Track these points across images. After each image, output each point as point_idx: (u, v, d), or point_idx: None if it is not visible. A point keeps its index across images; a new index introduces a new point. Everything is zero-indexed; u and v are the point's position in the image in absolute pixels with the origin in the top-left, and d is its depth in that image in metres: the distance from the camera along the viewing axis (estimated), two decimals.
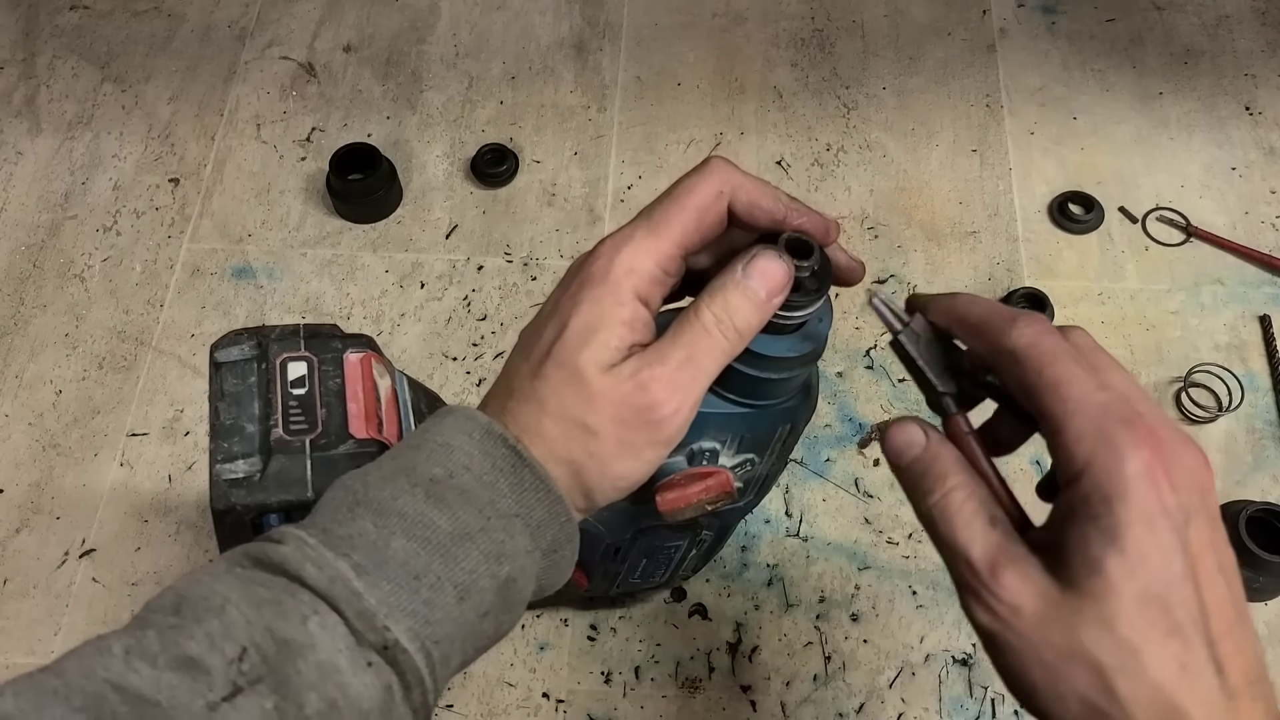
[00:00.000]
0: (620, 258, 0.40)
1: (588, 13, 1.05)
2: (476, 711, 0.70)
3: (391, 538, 0.37)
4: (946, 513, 0.38)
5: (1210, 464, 0.36)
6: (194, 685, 0.33)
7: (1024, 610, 0.35)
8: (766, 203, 0.42)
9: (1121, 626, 0.33)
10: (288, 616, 0.35)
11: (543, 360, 0.40)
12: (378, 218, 0.91)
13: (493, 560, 0.38)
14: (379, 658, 0.36)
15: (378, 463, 0.40)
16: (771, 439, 0.51)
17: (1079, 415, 0.35)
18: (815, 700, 0.70)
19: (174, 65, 1.01)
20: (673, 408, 0.40)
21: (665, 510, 0.50)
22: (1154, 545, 0.33)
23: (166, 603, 0.36)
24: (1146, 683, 0.33)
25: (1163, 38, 1.03)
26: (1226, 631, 0.34)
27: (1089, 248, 0.90)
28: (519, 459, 0.39)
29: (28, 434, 0.81)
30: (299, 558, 0.36)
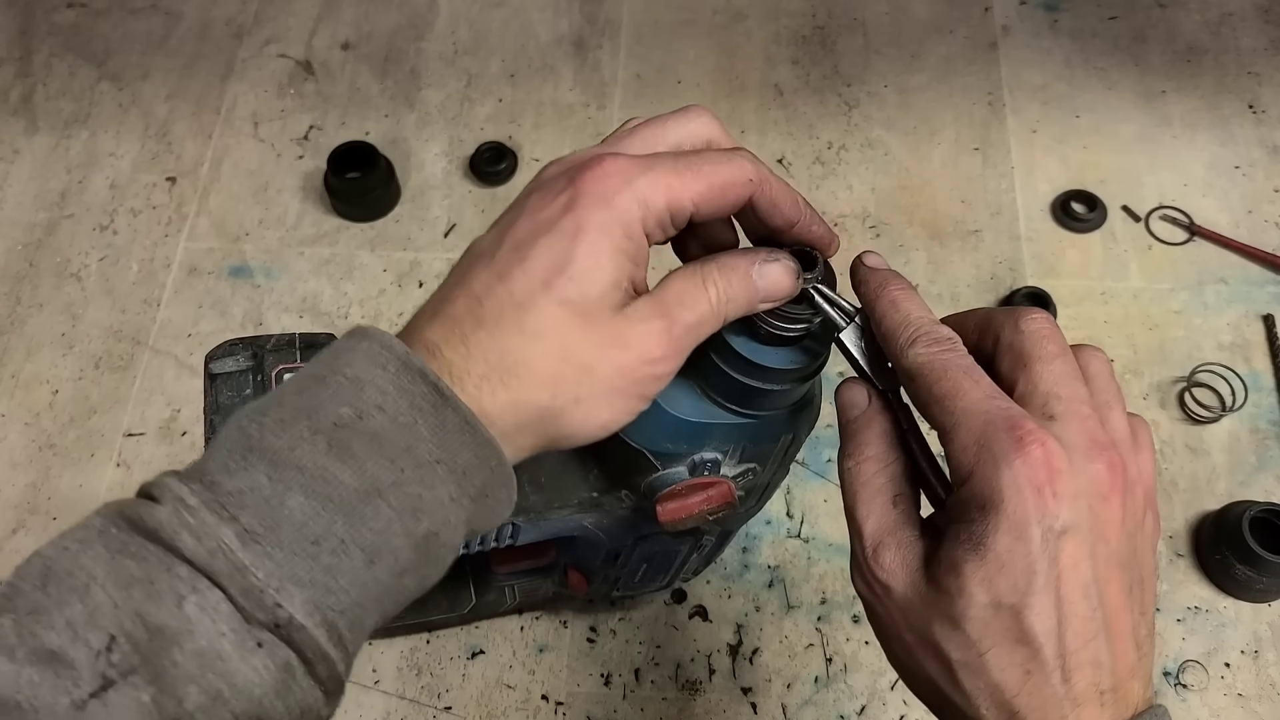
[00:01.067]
0: (638, 184, 0.37)
1: (587, 10, 1.04)
2: (475, 714, 0.69)
3: (287, 494, 0.32)
4: (855, 482, 0.40)
5: (1122, 470, 0.36)
6: (57, 681, 0.29)
7: (893, 592, 0.37)
8: (786, 206, 0.41)
9: (969, 628, 0.35)
10: (161, 598, 0.31)
11: (537, 292, 0.36)
12: (376, 216, 0.91)
13: (408, 516, 0.34)
14: (271, 636, 0.32)
15: (278, 397, 0.35)
16: (774, 449, 0.50)
17: (963, 426, 0.36)
18: (816, 702, 0.70)
19: (171, 63, 1.01)
20: (671, 365, 0.39)
21: (666, 520, 0.49)
22: (1017, 554, 0.34)
23: (34, 573, 0.32)
24: (988, 682, 0.35)
25: (1165, 35, 1.02)
26: (1084, 644, 0.35)
27: (1092, 247, 0.89)
28: (440, 397, 0.35)
29: (24, 434, 0.80)
30: (174, 523, 0.31)
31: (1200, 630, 0.72)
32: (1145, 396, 0.82)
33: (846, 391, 0.42)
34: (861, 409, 0.41)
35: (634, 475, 0.50)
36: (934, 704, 0.38)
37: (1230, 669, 0.71)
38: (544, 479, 0.53)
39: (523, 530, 0.53)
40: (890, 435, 0.40)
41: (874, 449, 0.40)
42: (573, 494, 0.53)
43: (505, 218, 0.39)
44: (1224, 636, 0.72)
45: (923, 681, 0.38)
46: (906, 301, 0.40)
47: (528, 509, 0.52)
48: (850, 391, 0.42)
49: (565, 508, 0.53)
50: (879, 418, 0.41)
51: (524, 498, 0.52)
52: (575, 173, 0.37)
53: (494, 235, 0.38)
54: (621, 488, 0.52)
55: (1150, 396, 0.82)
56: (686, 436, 0.48)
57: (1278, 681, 0.70)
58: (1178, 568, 0.75)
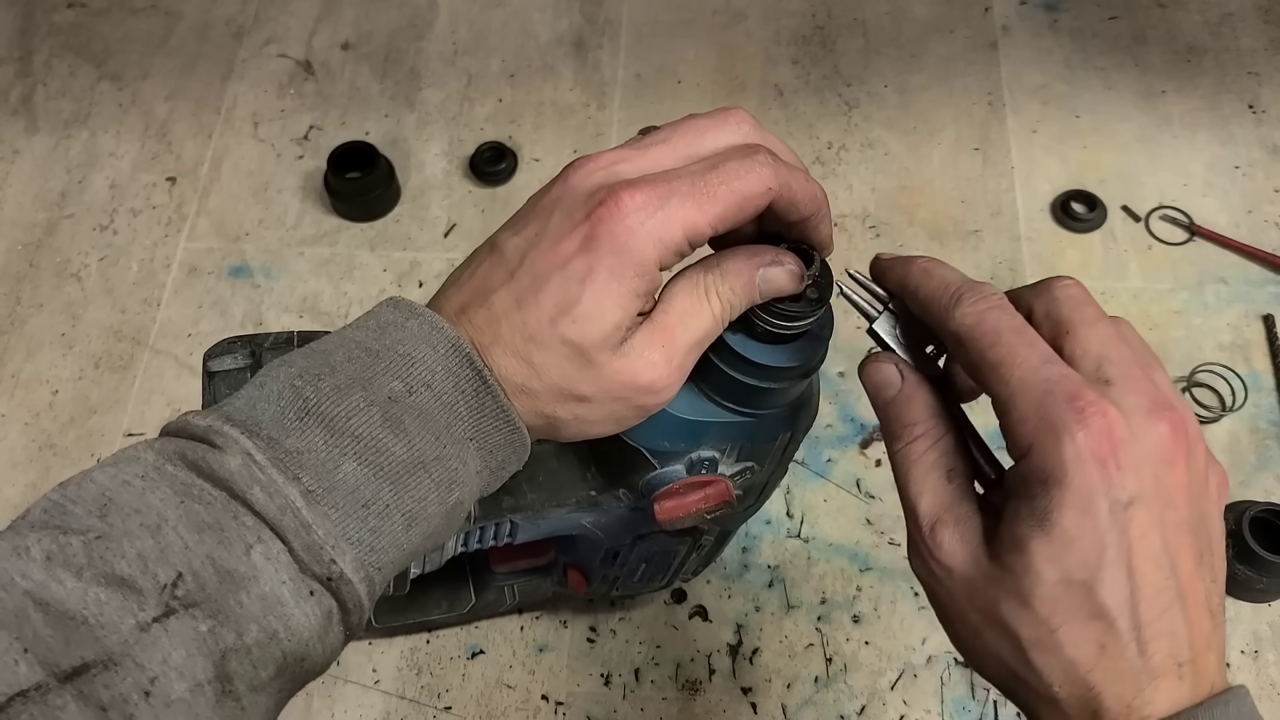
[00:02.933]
0: (652, 223, 0.37)
1: (587, 10, 1.04)
2: (475, 714, 0.69)
3: (343, 460, 0.35)
4: (906, 461, 0.39)
5: (1184, 430, 0.35)
6: (124, 603, 0.32)
7: (955, 572, 0.36)
8: (805, 203, 0.40)
9: (1039, 605, 0.34)
10: (231, 544, 0.33)
11: (544, 327, 0.38)
12: (376, 216, 0.91)
13: (443, 488, 0.37)
14: (321, 587, 0.35)
15: (328, 359, 0.37)
16: (771, 448, 0.50)
17: (1021, 396, 0.35)
18: (816, 702, 0.70)
19: (171, 63, 1.01)
20: (672, 390, 0.41)
21: (663, 519, 0.49)
22: (1085, 529, 0.33)
23: (89, 499, 0.34)
24: (1062, 659, 0.34)
25: (1165, 35, 1.02)
26: (1160, 614, 0.34)
27: (1092, 247, 0.89)
28: (483, 384, 0.38)
29: (24, 434, 0.80)
30: (246, 477, 0.34)
31: None
32: None
33: (876, 372, 0.40)
34: (898, 387, 0.40)
35: (631, 474, 0.50)
36: (1004, 683, 0.37)
37: (1230, 669, 0.71)
38: (542, 477, 0.53)
39: (521, 528, 0.53)
40: (936, 408, 0.39)
41: (922, 426, 0.39)
42: (571, 493, 0.53)
43: (528, 222, 0.40)
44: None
45: (991, 661, 0.37)
46: (939, 268, 0.40)
47: (526, 507, 0.52)
48: (881, 371, 0.40)
49: (563, 506, 0.53)
50: (920, 391, 0.39)
51: (522, 496, 0.52)
52: (596, 206, 0.38)
53: (517, 246, 0.39)
54: (619, 486, 0.52)
55: None
56: (684, 435, 0.47)
57: (1278, 681, 0.70)
58: None
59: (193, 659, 0.32)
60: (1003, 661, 0.36)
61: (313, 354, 0.38)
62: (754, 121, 0.41)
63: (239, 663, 0.33)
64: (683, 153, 0.40)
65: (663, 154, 0.40)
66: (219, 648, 0.33)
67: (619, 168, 0.39)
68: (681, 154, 0.40)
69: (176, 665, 0.32)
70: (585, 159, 0.40)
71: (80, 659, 0.31)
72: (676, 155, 0.40)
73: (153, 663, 0.32)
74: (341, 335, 0.39)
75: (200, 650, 0.33)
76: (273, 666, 0.34)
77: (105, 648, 0.31)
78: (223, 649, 0.33)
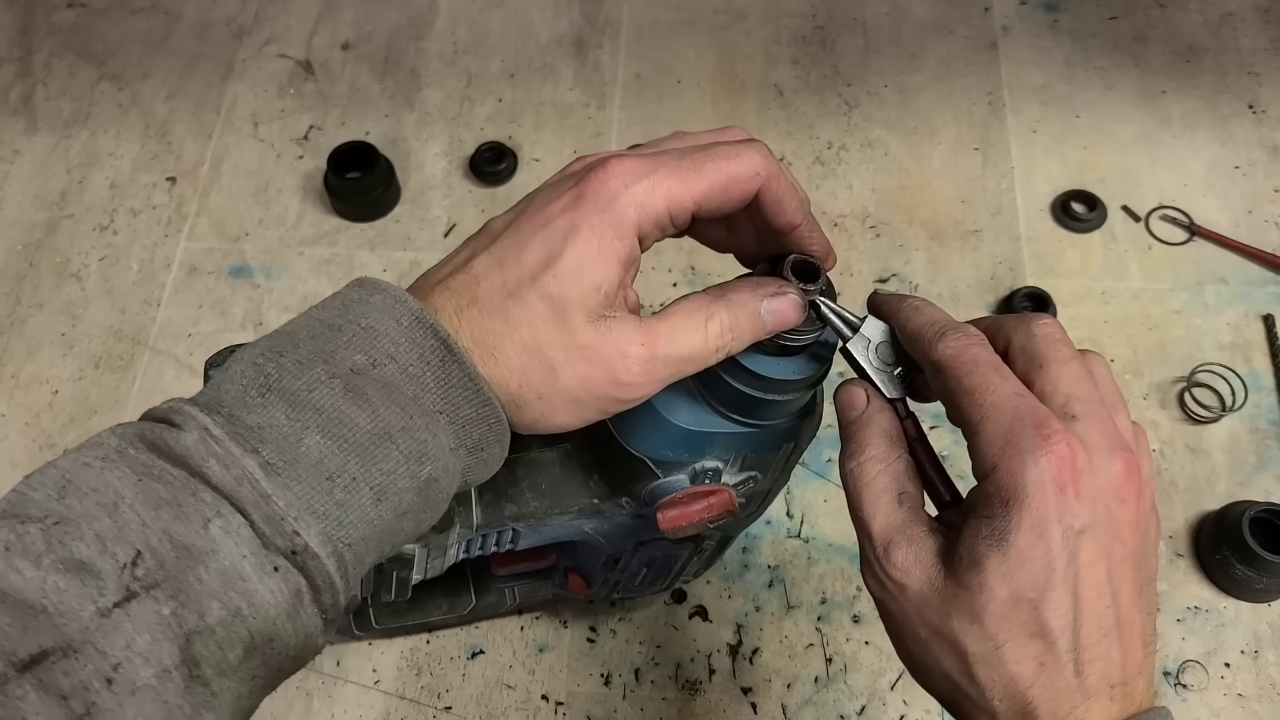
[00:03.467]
0: (637, 188, 0.38)
1: (587, 10, 1.04)
2: (475, 714, 0.69)
3: (305, 433, 0.35)
4: (858, 482, 0.40)
5: (1137, 472, 0.37)
6: (83, 589, 0.31)
7: (908, 589, 0.38)
8: (791, 206, 0.41)
9: (988, 621, 0.36)
10: (188, 519, 0.33)
11: (525, 283, 0.38)
12: (375, 216, 0.91)
13: (413, 460, 0.36)
14: (286, 562, 0.34)
15: (291, 338, 0.37)
16: (775, 457, 0.50)
17: (991, 420, 0.37)
18: (816, 702, 0.70)
19: (171, 63, 1.01)
20: (640, 393, 0.40)
21: (666, 528, 0.49)
22: (1038, 551, 0.35)
23: (49, 483, 0.33)
24: (1003, 674, 0.36)
25: (1165, 35, 1.02)
26: (1098, 639, 0.36)
27: (1092, 246, 0.89)
28: (448, 352, 0.37)
29: (24, 434, 0.80)
30: (202, 451, 0.33)
31: (1200, 630, 0.72)
32: (1145, 396, 0.82)
33: (845, 393, 0.42)
34: (860, 410, 0.41)
35: (634, 482, 0.50)
36: (946, 697, 0.39)
37: (1230, 669, 0.71)
38: (544, 485, 0.53)
39: (523, 536, 0.53)
40: (891, 434, 0.41)
41: (875, 449, 0.40)
42: (573, 500, 0.53)
43: (520, 205, 0.41)
44: (1224, 636, 0.72)
45: (936, 676, 0.38)
46: (928, 307, 0.42)
47: (528, 515, 0.52)
48: (848, 393, 0.42)
49: (565, 514, 0.53)
50: (878, 417, 0.41)
51: (525, 504, 0.52)
52: (583, 173, 0.39)
53: (504, 220, 0.40)
54: (622, 495, 0.52)
55: (1150, 396, 0.82)
56: (687, 445, 0.47)
57: (1278, 681, 0.70)
58: (1178, 568, 0.75)
59: (157, 643, 0.32)
60: (947, 676, 0.37)
61: (277, 334, 0.38)
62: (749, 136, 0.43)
63: (204, 645, 0.33)
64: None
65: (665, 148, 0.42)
66: (183, 630, 0.32)
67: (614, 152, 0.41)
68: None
69: (141, 650, 0.32)
70: (583, 157, 0.41)
71: (38, 646, 0.31)
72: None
73: (115, 649, 0.31)
74: (306, 315, 0.38)
75: (164, 634, 0.32)
76: (240, 647, 0.34)
77: (64, 635, 0.31)
78: (186, 631, 0.32)
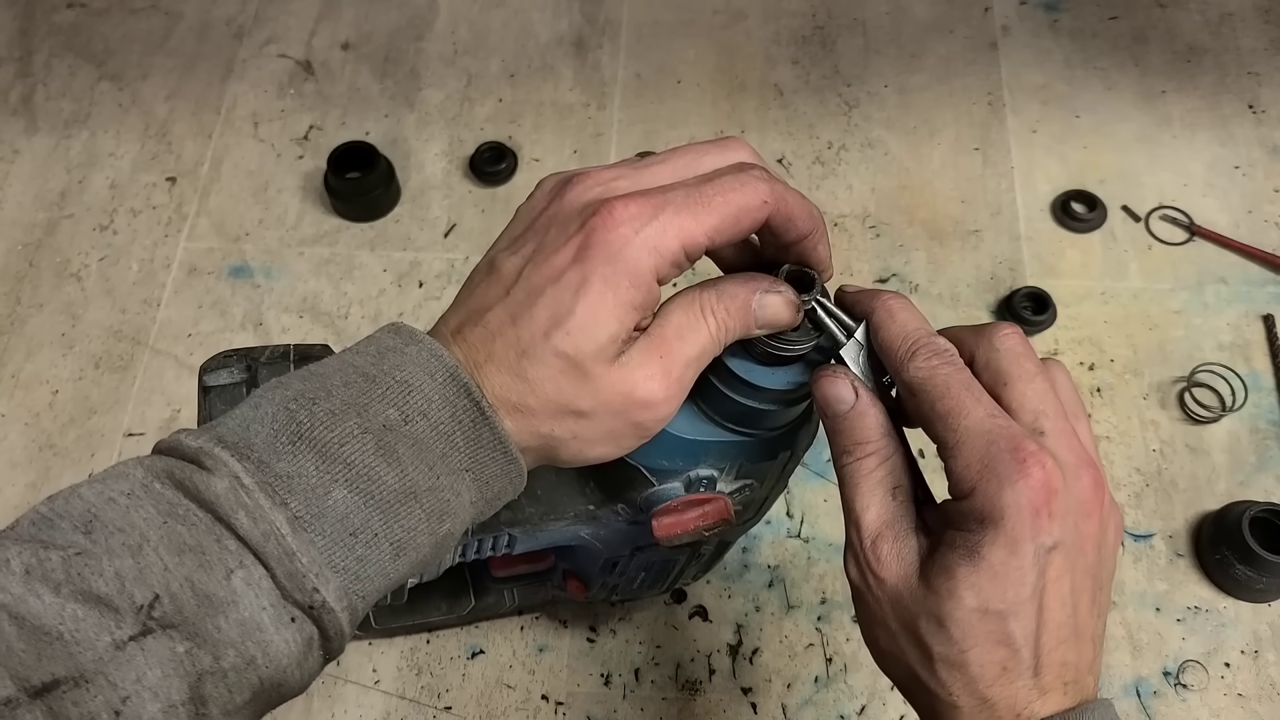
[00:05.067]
0: (647, 232, 0.37)
1: (587, 10, 1.04)
2: (475, 714, 0.69)
3: (334, 486, 0.35)
4: (855, 476, 0.41)
5: (1102, 486, 0.39)
6: (101, 620, 0.32)
7: (886, 583, 0.39)
8: (802, 220, 0.41)
9: (953, 628, 0.37)
10: (211, 568, 0.33)
11: (538, 341, 0.37)
12: (375, 216, 0.91)
13: (434, 519, 0.37)
14: (303, 615, 0.34)
15: (324, 385, 0.37)
16: (771, 466, 0.50)
17: (967, 445, 0.38)
18: (816, 702, 0.70)
19: (171, 63, 1.01)
20: (671, 407, 0.40)
21: (662, 536, 0.49)
22: (1010, 567, 0.37)
23: (75, 514, 0.33)
24: (966, 676, 0.38)
25: (1165, 35, 1.02)
26: (1056, 646, 0.38)
27: (1092, 247, 0.89)
28: (480, 415, 0.37)
29: (24, 434, 0.80)
30: (232, 501, 0.34)
31: (1200, 630, 0.72)
32: (1145, 396, 0.82)
33: (829, 386, 0.42)
34: (851, 403, 0.41)
35: (629, 490, 0.50)
36: (906, 686, 0.40)
37: (1230, 669, 0.71)
38: (540, 491, 0.52)
39: (519, 540, 0.53)
40: (885, 427, 0.41)
41: (875, 444, 0.41)
42: (569, 507, 0.53)
43: (526, 239, 0.40)
44: (1224, 636, 0.72)
45: (901, 666, 0.40)
46: (902, 311, 0.42)
47: (524, 520, 0.52)
48: (835, 386, 0.41)
49: (561, 520, 0.53)
50: (873, 410, 0.41)
51: (520, 510, 0.52)
52: (590, 217, 0.38)
53: (513, 266, 0.39)
54: (617, 502, 0.52)
55: (1150, 396, 0.82)
56: (682, 454, 0.47)
57: (1278, 681, 0.70)
58: (1178, 568, 0.75)
59: (168, 679, 0.32)
60: (910, 668, 0.39)
61: (310, 376, 0.37)
62: (752, 149, 0.42)
63: (214, 686, 0.33)
64: (680, 174, 0.40)
65: (660, 173, 0.40)
66: (195, 670, 0.33)
67: (615, 184, 0.39)
68: (679, 175, 0.40)
69: (151, 685, 0.32)
70: (581, 174, 0.40)
71: (51, 675, 0.31)
72: (674, 175, 0.40)
73: (126, 681, 0.32)
74: (340, 359, 0.38)
75: (176, 671, 0.32)
76: (248, 691, 0.34)
77: (78, 664, 0.31)
78: (199, 671, 0.33)
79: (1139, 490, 0.78)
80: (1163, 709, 0.70)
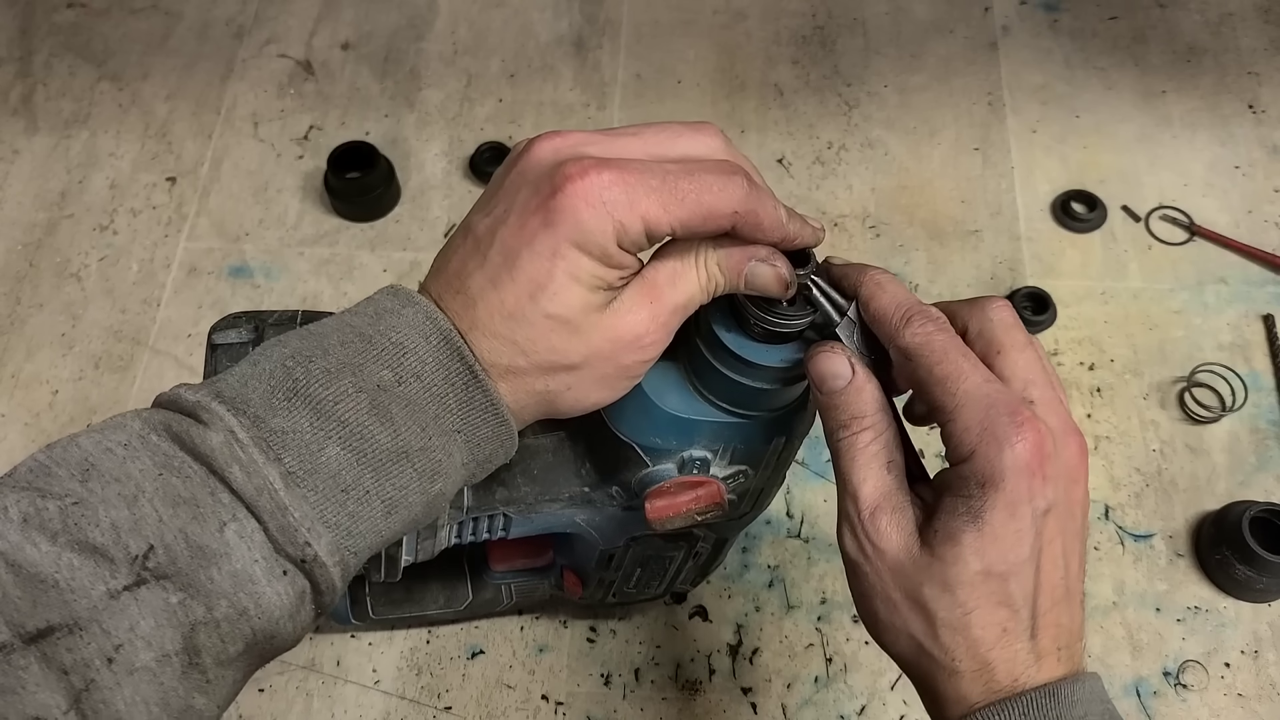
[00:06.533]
0: (615, 205, 0.37)
1: (587, 10, 1.04)
2: (475, 714, 0.69)
3: (327, 443, 0.36)
4: (852, 449, 0.41)
5: (1086, 453, 0.41)
6: (96, 570, 0.32)
7: (886, 555, 0.40)
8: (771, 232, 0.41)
9: (959, 591, 0.38)
10: (204, 520, 0.34)
11: (524, 305, 0.38)
12: (376, 216, 0.91)
13: (426, 478, 0.38)
14: (295, 568, 0.35)
15: (321, 343, 0.37)
16: (766, 451, 0.50)
17: (966, 408, 0.39)
18: (816, 702, 0.70)
19: (171, 63, 1.01)
20: (658, 348, 0.41)
21: (654, 518, 0.49)
22: (1010, 530, 0.38)
23: (72, 462, 0.34)
24: (968, 638, 0.39)
25: (1165, 35, 1.02)
26: (1051, 607, 0.39)
27: (1092, 246, 0.89)
28: (473, 378, 0.38)
29: (24, 434, 0.80)
30: (227, 455, 0.34)
31: (1200, 630, 0.72)
32: (1145, 396, 0.82)
33: (826, 361, 0.42)
34: (848, 379, 0.42)
35: (623, 470, 0.50)
36: (908, 657, 0.41)
37: (1230, 669, 0.71)
38: (536, 470, 0.53)
39: (515, 522, 0.53)
40: (881, 402, 0.42)
41: (870, 418, 0.41)
42: (564, 488, 0.53)
43: (498, 200, 0.40)
44: (1224, 636, 0.72)
45: (902, 637, 0.41)
46: (890, 284, 0.42)
47: (519, 500, 0.52)
48: (831, 362, 0.42)
49: (556, 501, 0.53)
50: (869, 385, 0.42)
51: (515, 488, 0.52)
52: (560, 180, 0.37)
53: (488, 227, 0.39)
54: (612, 484, 0.52)
55: (1150, 396, 0.82)
56: (675, 432, 0.47)
57: (1278, 681, 0.70)
58: (1178, 568, 0.75)
59: (161, 629, 0.33)
60: (913, 638, 0.40)
61: (308, 335, 0.38)
62: (725, 139, 0.42)
63: (207, 636, 0.34)
64: (652, 150, 0.40)
65: (630, 144, 0.40)
66: (188, 620, 0.33)
67: (585, 148, 0.39)
68: (650, 150, 0.40)
69: (144, 634, 0.32)
70: (551, 134, 0.40)
71: (46, 622, 0.31)
72: (645, 150, 0.40)
73: (119, 630, 0.32)
74: (339, 319, 0.39)
75: (169, 621, 0.33)
76: (241, 642, 0.35)
77: (73, 612, 0.32)
78: (192, 621, 0.33)
79: (1139, 490, 0.78)
80: (1163, 709, 0.70)
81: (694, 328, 0.45)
